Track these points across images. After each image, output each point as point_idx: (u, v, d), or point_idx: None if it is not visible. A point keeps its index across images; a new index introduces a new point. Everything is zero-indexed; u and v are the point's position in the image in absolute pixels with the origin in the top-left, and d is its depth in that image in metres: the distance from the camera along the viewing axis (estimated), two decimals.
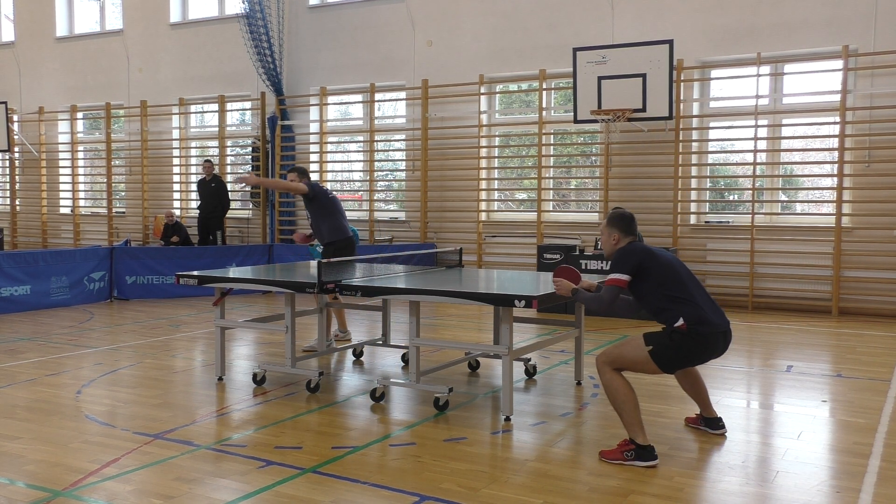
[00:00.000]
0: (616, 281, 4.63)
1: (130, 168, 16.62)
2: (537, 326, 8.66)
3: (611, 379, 4.62)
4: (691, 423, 5.24)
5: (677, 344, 4.55)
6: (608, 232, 4.85)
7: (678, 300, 4.58)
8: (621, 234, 4.83)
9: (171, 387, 6.41)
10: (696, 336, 4.53)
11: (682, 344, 4.55)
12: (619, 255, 4.73)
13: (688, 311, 4.55)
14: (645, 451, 4.44)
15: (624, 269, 4.65)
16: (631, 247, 4.77)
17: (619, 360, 4.63)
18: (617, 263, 4.70)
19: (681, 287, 4.64)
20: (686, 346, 4.55)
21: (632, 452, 4.44)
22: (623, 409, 4.55)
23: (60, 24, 17.90)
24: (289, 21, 14.60)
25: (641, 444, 4.46)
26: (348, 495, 4.01)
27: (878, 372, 6.91)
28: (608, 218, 4.91)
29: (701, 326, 4.53)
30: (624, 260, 4.69)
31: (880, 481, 4.23)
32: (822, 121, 10.92)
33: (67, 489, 4.08)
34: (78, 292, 11.10)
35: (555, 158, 13.08)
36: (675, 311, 4.56)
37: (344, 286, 5.71)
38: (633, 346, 4.62)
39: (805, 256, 10.71)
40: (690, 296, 4.62)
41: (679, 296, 4.60)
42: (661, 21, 11.50)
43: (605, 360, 4.66)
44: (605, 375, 4.65)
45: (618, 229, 4.83)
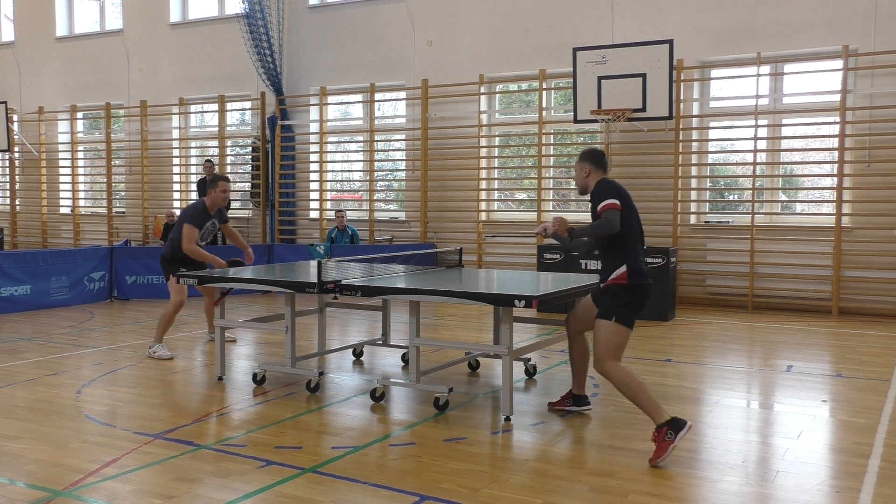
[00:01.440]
0: (612, 205, 4.75)
1: (130, 168, 16.62)
2: (537, 326, 8.66)
3: (617, 374, 4.73)
4: (557, 408, 5.55)
5: (625, 300, 4.79)
6: (580, 166, 5.05)
7: (626, 248, 4.83)
8: (592, 166, 5.02)
9: (171, 387, 6.41)
10: (636, 289, 4.80)
11: (629, 298, 4.79)
12: (601, 187, 4.87)
13: (632, 262, 4.82)
14: (675, 423, 4.51)
15: (611, 196, 4.78)
16: (607, 181, 4.93)
17: (606, 350, 4.77)
18: (601, 194, 4.82)
19: (633, 236, 4.87)
20: (632, 299, 4.80)
21: (669, 433, 4.48)
22: (639, 397, 4.66)
23: (60, 24, 17.90)
24: (289, 21, 14.60)
25: (668, 419, 4.53)
26: (348, 495, 4.01)
27: (878, 372, 6.91)
28: (581, 154, 5.11)
29: (639, 280, 4.82)
30: (607, 190, 4.83)
31: (880, 481, 4.23)
32: (822, 121, 10.92)
33: (67, 489, 4.08)
34: (78, 292, 11.10)
35: (555, 158, 13.08)
36: (622, 258, 4.82)
37: (344, 286, 5.71)
38: (603, 330, 4.79)
39: (805, 256, 10.71)
40: (635, 246, 4.87)
41: (629, 245, 4.84)
42: (661, 21, 11.49)
43: (600, 360, 4.79)
44: (612, 373, 4.75)
45: (589, 162, 5.03)
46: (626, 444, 4.83)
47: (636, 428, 5.17)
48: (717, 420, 5.45)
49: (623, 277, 4.80)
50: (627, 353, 7.68)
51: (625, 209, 4.81)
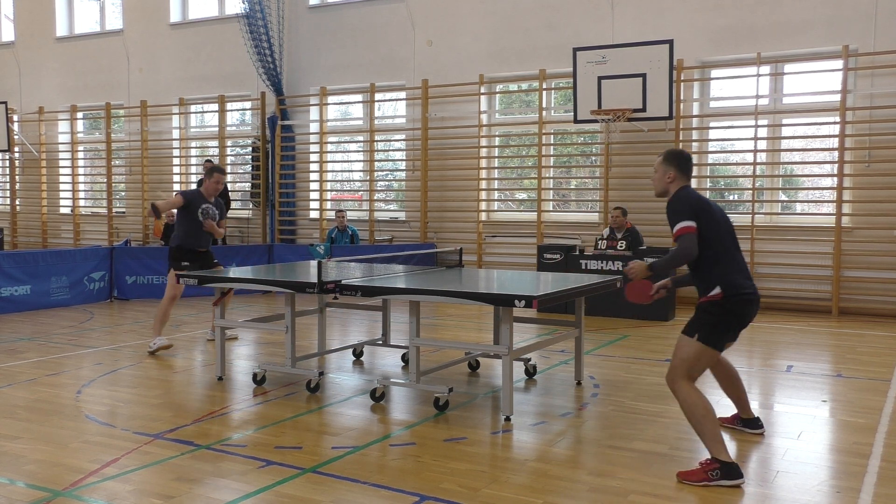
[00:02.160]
0: (687, 228, 4.35)
1: (130, 168, 16.62)
2: (537, 326, 8.65)
3: (687, 394, 4.36)
4: (727, 424, 5.08)
5: (717, 318, 4.41)
6: (664, 168, 4.62)
7: (718, 264, 4.43)
8: (678, 173, 4.59)
9: (171, 387, 6.41)
10: (733, 305, 4.41)
11: (722, 316, 4.41)
12: (677, 202, 4.48)
13: (726, 278, 4.41)
14: (731, 469, 4.19)
15: (686, 215, 4.39)
16: (686, 192, 4.53)
17: (682, 367, 4.41)
18: (676, 212, 4.44)
19: (723, 249, 4.47)
20: (725, 317, 4.42)
21: (717, 472, 4.17)
22: (702, 425, 4.29)
23: (60, 24, 17.90)
24: (289, 21, 14.60)
25: (726, 461, 4.20)
26: (348, 495, 4.01)
27: (878, 372, 6.91)
28: (666, 154, 4.69)
29: (736, 295, 4.41)
30: (682, 206, 4.44)
31: (880, 481, 4.23)
32: (822, 121, 10.92)
33: (67, 489, 4.08)
34: (78, 292, 11.10)
35: (555, 158, 13.08)
36: (715, 276, 4.41)
37: (344, 286, 5.71)
38: (684, 346, 4.43)
39: (805, 256, 10.71)
40: (730, 260, 4.47)
41: (720, 259, 4.44)
42: (661, 21, 11.49)
43: (674, 376, 4.44)
44: (681, 392, 4.38)
45: (675, 167, 4.59)
46: (626, 444, 4.82)
47: (636, 428, 5.17)
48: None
49: (717, 296, 4.40)
50: (628, 353, 7.72)
51: (707, 222, 4.42)
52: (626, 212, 10.57)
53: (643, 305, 5.15)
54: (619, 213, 10.48)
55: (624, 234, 10.34)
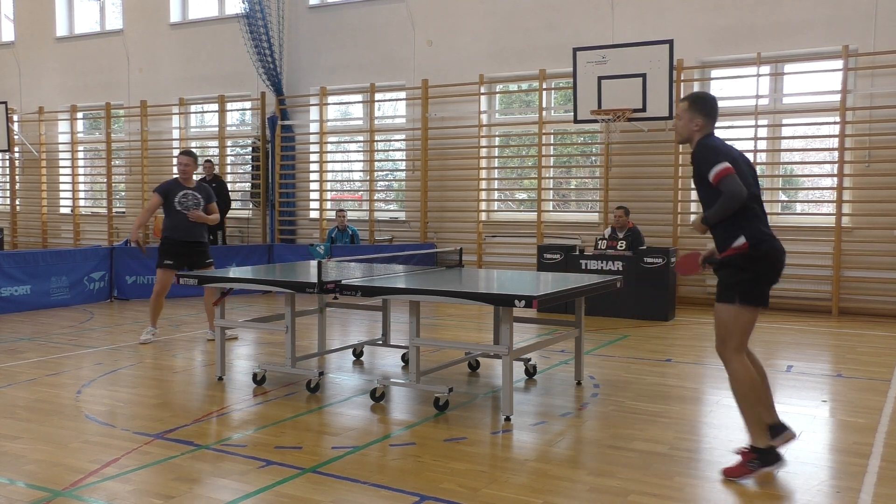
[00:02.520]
0: (726, 170, 4.11)
1: (130, 168, 16.62)
2: (537, 326, 8.65)
3: (736, 368, 4.20)
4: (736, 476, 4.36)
5: (751, 272, 4.18)
6: (689, 115, 4.38)
7: (742, 216, 4.21)
8: (706, 120, 4.38)
9: (171, 387, 6.41)
10: (761, 255, 4.20)
11: (755, 266, 4.19)
12: (704, 150, 4.28)
13: (751, 227, 4.21)
14: (769, 455, 4.15)
15: (721, 159, 4.17)
16: (713, 141, 4.34)
17: (729, 335, 4.21)
18: (707, 159, 4.22)
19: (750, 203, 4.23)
20: (759, 266, 4.19)
21: (756, 462, 4.15)
22: (745, 403, 4.20)
23: (60, 24, 17.90)
24: (289, 21, 14.60)
25: (763, 447, 4.16)
26: (348, 495, 4.01)
27: (878, 372, 6.91)
28: (692, 99, 4.43)
29: (763, 244, 4.22)
30: (715, 153, 4.23)
31: (880, 481, 4.23)
32: (822, 121, 10.92)
33: (67, 489, 4.08)
34: (78, 292, 11.10)
35: (555, 158, 13.08)
36: (739, 226, 4.20)
37: (344, 286, 5.71)
38: (724, 313, 4.23)
39: (805, 256, 10.70)
40: (754, 210, 4.26)
41: (744, 213, 4.21)
42: (661, 21, 11.49)
43: (724, 349, 4.26)
44: (731, 364, 4.22)
45: (702, 115, 4.37)
46: (626, 444, 4.82)
47: (636, 428, 5.17)
48: (717, 420, 5.45)
49: (744, 247, 4.17)
50: (628, 353, 7.72)
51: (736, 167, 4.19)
52: (628, 211, 10.56)
53: (642, 305, 5.12)
54: (622, 212, 10.48)
55: (625, 233, 10.34)
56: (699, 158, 4.29)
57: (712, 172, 4.16)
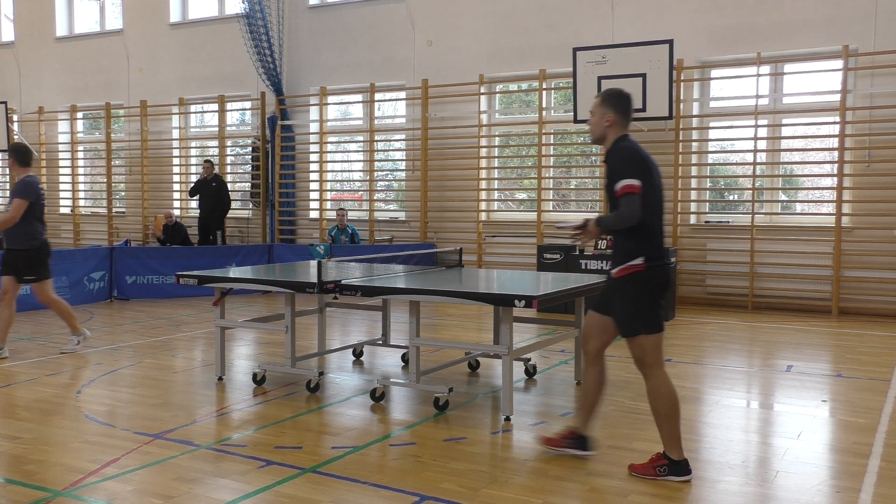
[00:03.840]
0: (632, 187, 4.07)
1: (130, 168, 16.62)
2: (537, 326, 8.65)
3: (657, 384, 4.26)
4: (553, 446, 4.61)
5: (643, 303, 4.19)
6: (602, 111, 4.31)
7: (647, 233, 4.20)
8: (617, 115, 4.29)
9: (171, 387, 6.41)
10: (654, 275, 4.21)
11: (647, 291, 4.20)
12: (620, 154, 4.22)
13: (651, 248, 4.21)
14: (679, 466, 4.21)
15: (633, 173, 4.11)
16: (632, 147, 4.26)
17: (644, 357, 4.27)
18: (620, 168, 4.16)
19: (656, 217, 4.25)
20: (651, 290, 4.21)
21: (665, 468, 4.21)
22: (665, 419, 4.24)
23: (60, 24, 17.90)
24: (289, 21, 14.60)
25: (676, 459, 4.22)
26: (348, 495, 4.01)
27: (878, 372, 6.91)
28: (605, 94, 4.36)
29: (658, 266, 4.23)
30: (630, 164, 4.16)
31: (880, 481, 4.23)
32: (822, 121, 10.92)
33: (67, 489, 4.08)
34: (78, 292, 11.09)
35: (555, 158, 13.08)
36: (639, 245, 4.19)
37: (344, 286, 5.71)
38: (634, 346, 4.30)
39: (805, 256, 10.71)
40: (657, 229, 4.27)
41: (651, 228, 4.22)
42: (661, 21, 11.49)
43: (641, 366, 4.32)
44: (651, 380, 4.28)
45: (614, 109, 4.28)
46: (626, 444, 4.82)
47: (636, 428, 5.17)
48: (717, 420, 5.45)
49: (640, 267, 4.19)
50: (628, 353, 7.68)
51: (649, 187, 4.16)
52: None
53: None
54: None
55: None
56: (615, 164, 4.24)
57: (620, 184, 4.13)
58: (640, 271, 4.20)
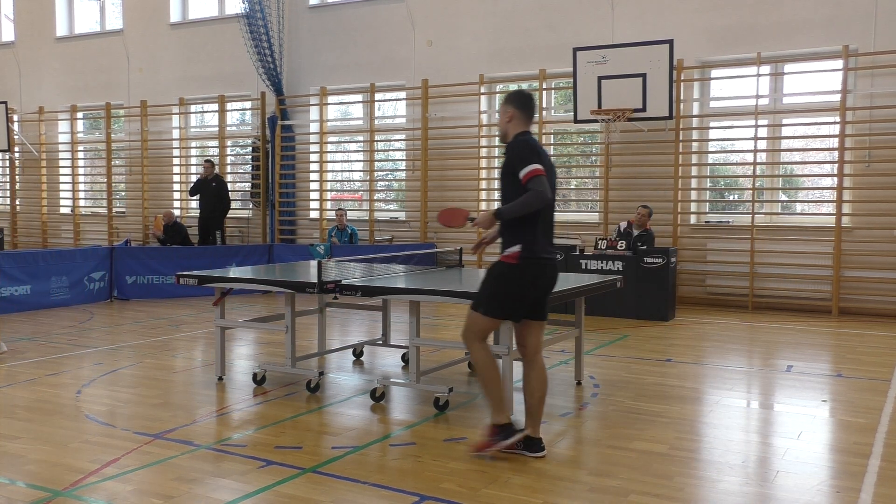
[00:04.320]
0: (537, 171, 4.30)
1: (130, 168, 16.62)
2: None
3: (477, 355, 4.58)
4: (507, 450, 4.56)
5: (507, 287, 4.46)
6: (504, 109, 4.60)
7: (531, 222, 4.41)
8: (517, 111, 4.56)
9: (171, 387, 6.41)
10: (525, 269, 4.45)
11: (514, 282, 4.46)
12: (520, 147, 4.44)
13: (531, 239, 4.43)
14: (507, 430, 4.49)
15: (533, 159, 4.34)
16: (525, 139, 4.51)
17: (473, 329, 4.57)
18: (521, 156, 4.38)
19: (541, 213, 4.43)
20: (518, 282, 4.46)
21: (498, 437, 4.49)
22: (487, 384, 4.55)
23: (60, 24, 17.90)
24: (289, 21, 14.60)
25: (503, 423, 4.50)
26: (348, 495, 4.01)
27: (878, 372, 6.91)
28: (508, 94, 4.64)
29: (533, 259, 4.45)
30: (527, 151, 4.40)
31: (880, 481, 4.23)
32: (822, 121, 10.92)
33: (67, 489, 4.08)
34: (78, 292, 11.10)
35: (555, 158, 13.08)
36: (520, 234, 4.43)
37: (344, 286, 5.71)
38: (472, 317, 4.58)
39: (805, 256, 10.71)
40: (543, 221, 4.48)
41: (535, 218, 4.41)
42: (661, 21, 11.49)
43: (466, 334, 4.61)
44: (473, 351, 4.60)
45: (514, 105, 4.57)
46: (626, 444, 4.82)
47: (636, 428, 5.17)
48: (717, 420, 5.45)
49: (514, 257, 4.43)
50: (628, 353, 7.72)
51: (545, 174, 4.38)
52: (652, 213, 10.62)
53: (642, 305, 5.15)
54: (647, 211, 10.53)
55: (640, 232, 10.36)
56: (514, 153, 4.42)
57: (525, 170, 4.32)
58: (513, 265, 4.46)
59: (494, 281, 4.52)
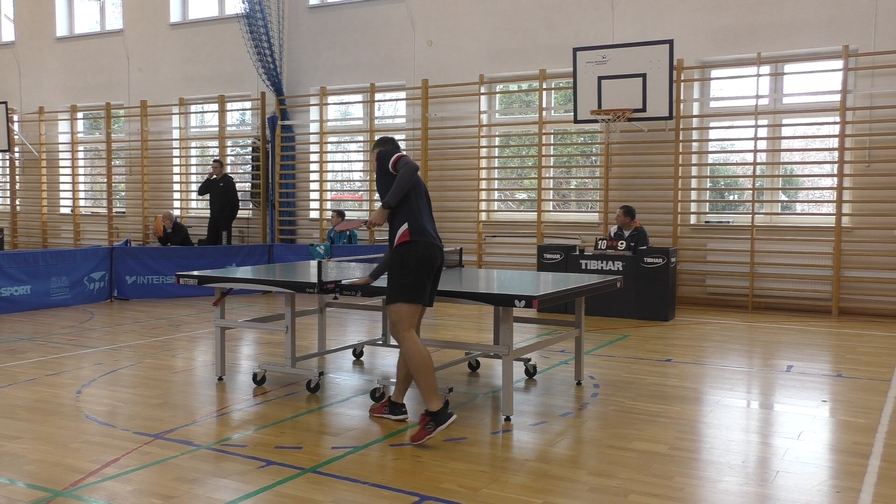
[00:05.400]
0: (399, 155, 4.91)
1: (130, 168, 16.62)
2: (537, 326, 8.66)
3: (408, 346, 4.89)
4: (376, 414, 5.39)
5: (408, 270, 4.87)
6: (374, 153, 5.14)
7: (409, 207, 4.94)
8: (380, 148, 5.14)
9: (171, 387, 6.41)
10: (418, 248, 4.88)
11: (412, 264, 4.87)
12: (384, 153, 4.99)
13: (415, 221, 4.92)
14: (439, 415, 4.75)
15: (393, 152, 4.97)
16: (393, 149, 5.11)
17: (399, 322, 4.91)
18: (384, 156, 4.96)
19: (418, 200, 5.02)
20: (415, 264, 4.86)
21: (431, 423, 4.74)
22: (419, 373, 4.85)
23: (60, 24, 17.90)
24: (289, 21, 14.61)
25: (436, 409, 4.76)
26: (348, 495, 4.01)
27: (878, 372, 6.91)
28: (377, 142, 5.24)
29: (422, 237, 4.91)
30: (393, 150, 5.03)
31: (880, 481, 4.23)
32: (822, 121, 10.92)
33: (67, 489, 4.08)
34: (78, 292, 11.10)
35: (555, 158, 13.08)
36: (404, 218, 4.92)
37: (344, 286, 5.71)
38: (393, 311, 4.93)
39: (805, 256, 10.71)
40: (420, 210, 5.01)
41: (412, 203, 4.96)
42: (661, 21, 11.49)
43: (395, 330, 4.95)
44: (403, 343, 4.92)
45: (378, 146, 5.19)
46: (626, 444, 4.83)
47: (636, 428, 5.17)
48: (717, 420, 5.45)
49: (405, 235, 4.89)
50: (628, 353, 7.72)
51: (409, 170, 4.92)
52: (629, 211, 10.37)
53: (642, 305, 5.20)
54: (622, 212, 10.39)
55: (631, 233, 10.32)
56: (380, 159, 4.99)
57: (391, 160, 4.91)
58: (406, 241, 4.89)
59: (398, 270, 4.92)
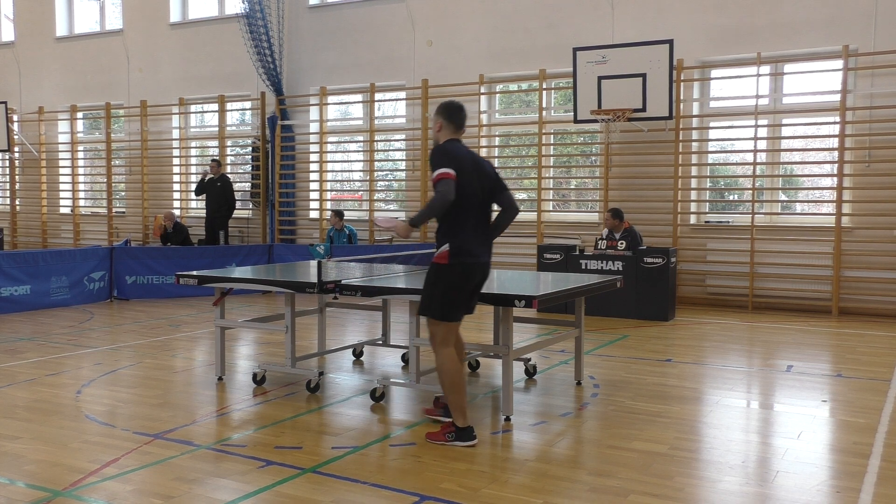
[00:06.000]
0: (445, 174, 4.53)
1: (130, 168, 16.62)
2: (537, 326, 8.65)
3: (442, 360, 4.81)
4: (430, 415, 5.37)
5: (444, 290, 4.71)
6: (434, 119, 4.89)
7: (456, 222, 4.69)
8: (444, 121, 4.82)
9: (171, 387, 6.41)
10: (453, 269, 4.70)
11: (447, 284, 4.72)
12: (437, 154, 4.65)
13: (458, 239, 4.69)
14: (464, 433, 4.77)
15: (446, 164, 4.57)
16: (452, 146, 4.73)
17: (434, 336, 4.84)
18: (434, 162, 4.61)
19: (469, 208, 4.71)
20: (451, 284, 4.72)
21: (452, 434, 4.77)
22: (450, 389, 4.78)
23: (60, 24, 17.90)
24: (289, 21, 14.60)
25: (461, 426, 4.78)
26: (348, 495, 4.01)
27: (878, 372, 6.91)
28: (438, 106, 4.88)
29: (460, 260, 4.70)
30: (439, 156, 4.62)
31: (880, 481, 4.23)
32: (822, 121, 10.92)
33: (67, 489, 4.08)
34: (78, 292, 11.10)
35: (555, 158, 13.08)
36: (449, 233, 4.69)
37: (344, 286, 5.71)
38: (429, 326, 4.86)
39: (805, 256, 10.71)
40: (470, 223, 4.73)
41: (461, 218, 4.69)
42: (661, 21, 11.49)
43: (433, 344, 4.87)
44: (438, 357, 4.84)
45: (442, 116, 4.83)
46: (626, 444, 4.83)
47: (636, 428, 5.17)
48: (717, 420, 5.45)
49: (444, 256, 4.69)
50: (628, 353, 7.72)
51: (462, 176, 4.61)
52: (617, 213, 10.26)
53: (642, 305, 5.20)
54: (609, 215, 10.30)
55: (622, 234, 10.29)
56: (432, 158, 4.67)
57: (435, 173, 4.58)
58: (443, 264, 4.70)
59: (431, 286, 4.78)
